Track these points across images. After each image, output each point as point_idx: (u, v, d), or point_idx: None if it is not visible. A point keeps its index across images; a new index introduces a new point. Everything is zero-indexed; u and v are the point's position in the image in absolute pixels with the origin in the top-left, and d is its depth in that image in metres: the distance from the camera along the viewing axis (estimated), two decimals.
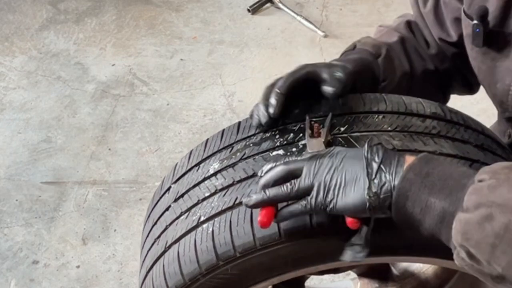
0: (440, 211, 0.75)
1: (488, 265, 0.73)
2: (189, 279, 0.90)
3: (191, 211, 0.94)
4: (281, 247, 0.86)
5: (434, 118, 0.97)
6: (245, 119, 1.00)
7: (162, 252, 0.95)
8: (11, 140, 2.67)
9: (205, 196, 0.93)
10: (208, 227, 0.89)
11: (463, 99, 2.44)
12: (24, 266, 2.21)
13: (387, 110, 0.96)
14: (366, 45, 1.14)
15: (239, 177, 0.91)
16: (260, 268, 0.89)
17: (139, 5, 3.39)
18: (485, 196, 0.73)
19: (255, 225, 0.85)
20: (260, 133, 0.96)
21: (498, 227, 0.71)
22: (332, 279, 1.92)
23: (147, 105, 2.81)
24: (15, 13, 3.37)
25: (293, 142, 0.93)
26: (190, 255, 0.90)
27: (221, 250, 0.87)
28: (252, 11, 3.28)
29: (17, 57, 3.11)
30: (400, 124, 0.94)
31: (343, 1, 3.32)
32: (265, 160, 0.92)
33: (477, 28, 1.05)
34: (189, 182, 0.98)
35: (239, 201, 0.88)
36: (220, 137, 1.00)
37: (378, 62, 1.11)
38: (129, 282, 2.14)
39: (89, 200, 2.41)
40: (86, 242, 2.27)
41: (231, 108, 2.77)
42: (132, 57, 3.07)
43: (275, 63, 2.98)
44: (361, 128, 0.93)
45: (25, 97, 2.88)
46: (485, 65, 1.10)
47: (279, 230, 0.85)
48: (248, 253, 0.87)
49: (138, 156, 2.58)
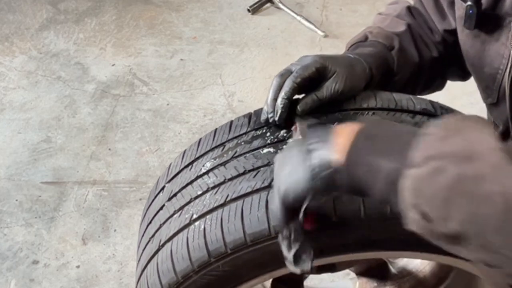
0: (388, 171, 0.71)
1: (443, 222, 0.67)
2: (182, 276, 0.91)
3: (184, 209, 0.95)
4: (271, 243, 0.86)
5: (424, 114, 0.98)
6: (237, 118, 1.02)
7: (156, 250, 0.96)
8: (11, 140, 2.67)
9: (197, 194, 0.94)
10: (200, 225, 0.90)
11: (463, 99, 2.45)
12: (24, 266, 2.21)
13: (377, 107, 0.97)
14: (378, 37, 1.12)
15: (230, 175, 0.92)
16: (252, 264, 0.90)
17: (139, 5, 3.39)
18: (435, 148, 0.68)
19: (246, 221, 0.86)
20: (251, 131, 0.98)
21: (451, 179, 0.66)
22: (332, 279, 1.92)
23: (147, 105, 2.81)
24: (15, 13, 3.37)
25: (283, 140, 0.94)
26: (183, 253, 0.90)
27: (212, 247, 0.88)
28: (252, 11, 3.28)
29: (17, 57, 3.11)
30: (391, 120, 0.94)
31: (343, 1, 3.32)
32: (256, 158, 0.93)
33: (470, 9, 1.04)
34: (182, 181, 0.99)
35: (230, 198, 0.89)
36: (213, 136, 1.02)
37: (392, 55, 1.11)
38: (129, 282, 2.14)
39: (89, 200, 2.41)
40: (86, 242, 2.27)
41: (231, 108, 2.77)
42: (132, 57, 3.07)
43: (275, 63, 2.98)
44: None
45: (25, 97, 2.88)
46: (474, 48, 1.10)
47: (269, 226, 0.85)
48: (239, 250, 0.87)
49: (138, 156, 2.58)
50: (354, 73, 0.99)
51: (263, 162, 0.92)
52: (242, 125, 1.00)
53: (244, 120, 1.01)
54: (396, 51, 1.11)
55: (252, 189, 0.88)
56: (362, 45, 1.12)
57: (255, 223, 0.86)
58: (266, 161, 0.91)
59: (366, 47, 1.10)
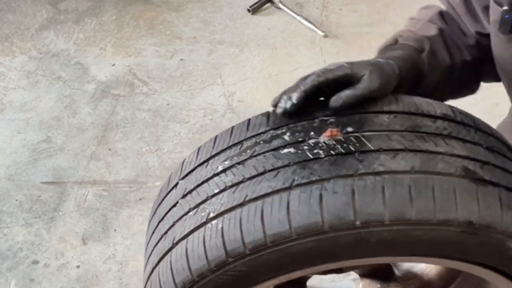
0: None
1: None
2: (197, 275, 0.90)
3: (200, 207, 0.93)
4: (292, 244, 0.85)
5: (445, 119, 0.96)
6: (254, 117, 0.99)
7: (170, 248, 0.94)
8: (11, 140, 2.67)
9: (214, 192, 0.92)
10: (217, 224, 0.88)
11: (463, 99, 2.44)
12: (24, 266, 2.21)
13: (399, 110, 0.96)
14: (408, 40, 1.12)
15: (249, 174, 0.91)
16: (270, 265, 0.89)
17: (139, 5, 3.39)
18: None
19: (266, 222, 0.85)
20: (270, 130, 0.96)
21: None
22: (332, 279, 1.92)
23: (147, 105, 2.81)
24: (15, 13, 3.37)
25: (304, 140, 0.93)
26: (199, 251, 0.89)
27: (230, 247, 0.86)
28: (252, 11, 3.28)
29: (17, 57, 3.11)
30: (412, 125, 0.94)
31: (343, 1, 3.32)
32: (276, 158, 0.91)
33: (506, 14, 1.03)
34: (197, 178, 0.97)
35: (250, 198, 0.87)
36: (230, 134, 0.99)
37: (422, 57, 1.10)
38: (129, 282, 2.14)
39: (89, 200, 2.41)
40: (86, 242, 2.27)
41: (231, 108, 2.77)
42: (132, 57, 3.07)
43: (275, 63, 2.98)
44: (372, 127, 0.93)
45: (25, 97, 2.88)
46: (507, 53, 1.09)
47: (290, 227, 0.84)
48: (258, 250, 0.86)
49: (138, 156, 2.58)
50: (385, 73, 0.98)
51: (284, 162, 0.90)
52: (261, 124, 0.98)
53: (263, 119, 0.99)
54: (426, 54, 1.11)
55: (273, 189, 0.87)
56: (391, 48, 1.12)
57: (276, 224, 0.84)
58: (286, 162, 0.90)
59: (396, 50, 1.10)
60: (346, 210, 0.83)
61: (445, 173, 0.87)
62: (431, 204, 0.84)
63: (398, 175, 0.86)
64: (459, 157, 0.90)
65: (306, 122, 0.95)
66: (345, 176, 0.86)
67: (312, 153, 0.90)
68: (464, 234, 0.86)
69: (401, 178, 0.85)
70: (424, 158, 0.88)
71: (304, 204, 0.84)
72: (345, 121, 0.94)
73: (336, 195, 0.84)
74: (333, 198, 0.84)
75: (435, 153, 0.90)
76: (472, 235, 0.86)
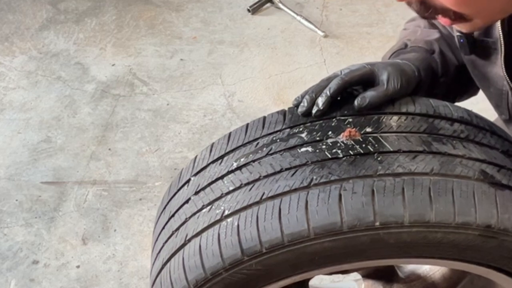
0: None
1: None
2: (211, 273, 0.89)
3: (214, 204, 0.92)
4: (309, 244, 0.84)
5: (462, 122, 0.96)
6: (270, 114, 0.99)
7: (182, 245, 0.93)
8: (11, 140, 2.67)
9: (229, 190, 0.91)
10: (233, 221, 0.88)
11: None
12: (24, 266, 2.20)
13: (416, 112, 0.96)
14: (418, 43, 1.13)
15: (266, 172, 0.90)
16: (285, 265, 0.88)
17: (139, 5, 3.39)
18: None
19: (284, 221, 0.84)
20: (286, 129, 0.96)
21: None
22: (332, 279, 1.92)
23: (147, 105, 2.81)
24: (15, 13, 3.37)
25: (322, 140, 0.92)
26: (213, 249, 0.88)
27: (246, 245, 0.86)
28: (252, 11, 3.28)
29: (17, 57, 3.11)
30: (430, 126, 0.94)
31: (343, 1, 3.32)
32: (293, 156, 0.90)
33: (461, 39, 1.05)
34: (211, 175, 0.97)
35: (267, 196, 0.87)
36: (245, 131, 0.99)
37: (435, 58, 1.11)
38: (129, 282, 2.14)
39: (89, 200, 2.41)
40: (86, 242, 2.27)
41: (231, 108, 2.77)
42: (132, 57, 3.07)
43: (275, 63, 2.98)
44: (391, 128, 0.93)
45: (25, 97, 2.88)
46: (476, 71, 1.11)
47: (308, 227, 0.84)
48: (275, 249, 0.85)
49: (138, 156, 2.58)
50: (405, 73, 0.99)
51: (301, 161, 0.89)
52: (277, 121, 0.97)
53: (279, 117, 0.98)
54: (437, 54, 1.12)
55: (291, 188, 0.86)
56: (403, 52, 1.12)
57: (294, 223, 0.84)
58: (304, 161, 0.89)
59: (409, 53, 1.11)
60: (365, 210, 0.83)
61: (464, 176, 0.87)
62: (450, 207, 0.84)
63: (418, 177, 0.86)
64: (477, 160, 0.90)
65: (324, 121, 0.95)
66: (364, 177, 0.86)
67: (330, 152, 0.90)
68: (482, 238, 0.86)
69: (421, 180, 0.85)
70: (443, 160, 0.88)
71: (323, 203, 0.84)
72: (363, 122, 0.93)
73: (356, 196, 0.84)
74: (352, 199, 0.84)
75: (454, 156, 0.90)
76: (490, 239, 0.86)
